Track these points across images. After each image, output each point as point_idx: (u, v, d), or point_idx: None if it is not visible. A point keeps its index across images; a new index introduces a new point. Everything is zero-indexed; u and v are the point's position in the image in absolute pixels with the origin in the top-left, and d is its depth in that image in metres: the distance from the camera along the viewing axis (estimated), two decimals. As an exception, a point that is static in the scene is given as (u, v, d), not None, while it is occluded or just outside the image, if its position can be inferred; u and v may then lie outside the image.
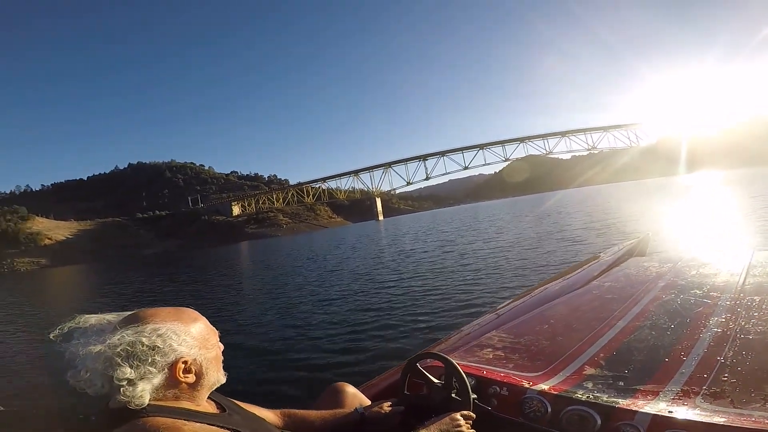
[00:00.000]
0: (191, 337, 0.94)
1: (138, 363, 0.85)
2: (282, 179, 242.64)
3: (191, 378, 0.94)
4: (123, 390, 0.83)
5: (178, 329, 0.93)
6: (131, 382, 0.84)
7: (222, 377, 1.03)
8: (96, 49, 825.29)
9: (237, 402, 1.16)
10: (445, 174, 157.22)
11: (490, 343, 1.97)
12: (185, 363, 0.92)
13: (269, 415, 1.32)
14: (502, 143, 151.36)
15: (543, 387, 1.43)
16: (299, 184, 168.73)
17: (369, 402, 1.57)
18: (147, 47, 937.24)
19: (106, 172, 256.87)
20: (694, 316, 1.91)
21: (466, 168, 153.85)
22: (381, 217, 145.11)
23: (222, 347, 1.05)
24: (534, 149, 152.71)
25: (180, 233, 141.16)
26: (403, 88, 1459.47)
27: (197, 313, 1.02)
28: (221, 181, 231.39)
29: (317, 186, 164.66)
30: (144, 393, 0.85)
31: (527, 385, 1.46)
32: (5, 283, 43.40)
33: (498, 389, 1.49)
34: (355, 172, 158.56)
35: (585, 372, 1.53)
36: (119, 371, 0.83)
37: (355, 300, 8.15)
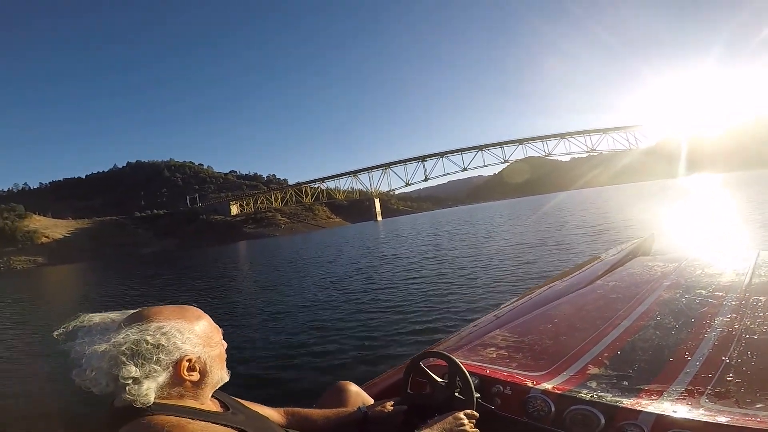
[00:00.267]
0: (195, 335, 0.94)
1: (143, 361, 0.85)
2: (281, 179, 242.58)
3: (195, 376, 0.94)
4: (129, 389, 0.83)
5: (182, 327, 0.92)
6: (136, 380, 0.84)
7: (225, 375, 1.03)
8: (96, 49, 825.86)
9: (240, 401, 1.16)
10: (444, 175, 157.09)
11: (493, 342, 1.96)
12: (189, 361, 0.92)
13: (273, 414, 1.32)
14: (501, 144, 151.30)
15: (547, 386, 1.42)
16: (298, 184, 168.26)
17: (372, 401, 1.57)
18: (146, 47, 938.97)
19: (104, 170, 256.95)
20: (699, 315, 1.90)
21: (464, 169, 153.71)
22: (379, 218, 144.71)
23: (225, 345, 1.05)
24: (533, 151, 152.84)
25: (178, 232, 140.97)
26: (403, 88, 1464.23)
27: (201, 311, 1.02)
28: (220, 181, 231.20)
29: (316, 186, 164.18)
30: (149, 391, 0.84)
31: (531, 385, 1.45)
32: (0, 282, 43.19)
33: (501, 388, 1.49)
34: (354, 172, 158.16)
35: (589, 371, 1.53)
36: (124, 370, 0.83)
37: (358, 299, 8.09)
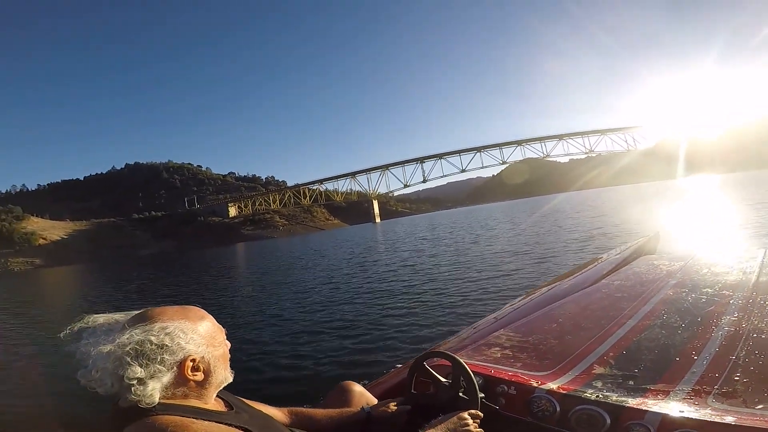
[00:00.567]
0: (199, 335, 0.95)
1: (147, 362, 0.86)
2: (280, 181, 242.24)
3: (199, 376, 0.94)
4: (134, 389, 0.83)
5: (185, 327, 0.93)
6: (141, 381, 0.85)
7: (229, 375, 1.03)
8: (94, 50, 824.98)
9: (245, 400, 1.17)
10: (443, 177, 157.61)
11: (498, 342, 1.95)
12: (193, 361, 0.93)
13: (277, 413, 1.32)
14: (499, 146, 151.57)
15: (552, 386, 1.42)
16: (296, 185, 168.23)
17: (376, 401, 1.57)
18: (145, 48, 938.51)
19: (103, 172, 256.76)
20: (705, 314, 1.88)
21: (463, 171, 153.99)
22: (378, 220, 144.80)
23: (229, 345, 1.06)
24: (531, 152, 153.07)
25: (176, 234, 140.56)
26: (402, 89, 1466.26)
27: (204, 311, 1.02)
28: (218, 182, 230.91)
29: (314, 188, 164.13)
30: (154, 392, 0.85)
31: (536, 384, 1.44)
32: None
33: (506, 388, 1.48)
34: (353, 174, 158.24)
35: (594, 371, 1.51)
36: (129, 370, 0.84)
37: (361, 300, 8.07)
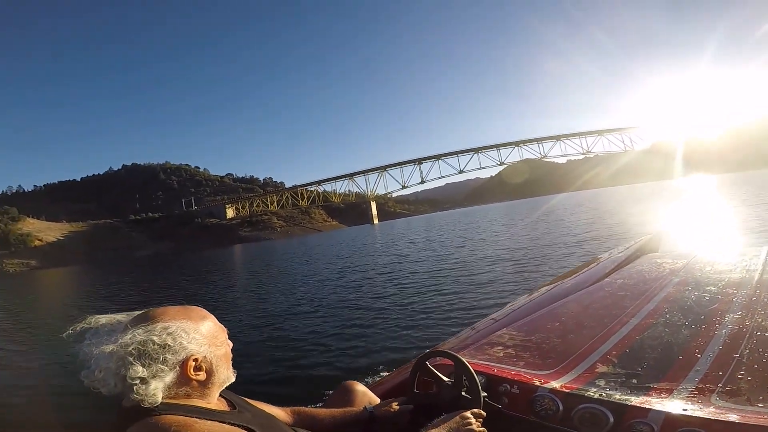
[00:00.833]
0: (201, 335, 0.95)
1: (150, 361, 0.86)
2: (278, 182, 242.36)
3: (202, 375, 0.95)
4: (137, 389, 0.84)
5: (187, 327, 0.93)
6: (144, 380, 0.85)
7: (232, 375, 1.04)
8: (92, 50, 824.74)
9: (248, 400, 1.18)
10: (441, 177, 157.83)
11: (500, 341, 1.95)
12: (196, 361, 0.93)
13: (279, 413, 1.33)
14: (497, 147, 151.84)
15: (554, 385, 1.42)
16: (294, 187, 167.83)
17: (379, 400, 1.57)
18: (143, 48, 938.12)
19: (100, 173, 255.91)
20: (708, 312, 1.88)
21: (461, 172, 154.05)
22: (376, 221, 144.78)
23: (231, 345, 1.06)
24: (529, 153, 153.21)
25: (173, 236, 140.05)
26: (401, 90, 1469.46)
27: (205, 311, 1.03)
28: (216, 184, 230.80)
29: (312, 189, 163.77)
30: (157, 391, 0.86)
31: (538, 383, 1.45)
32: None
33: (509, 387, 1.48)
34: (350, 175, 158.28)
35: (597, 370, 1.52)
36: (132, 370, 0.84)
37: (362, 300, 8.06)
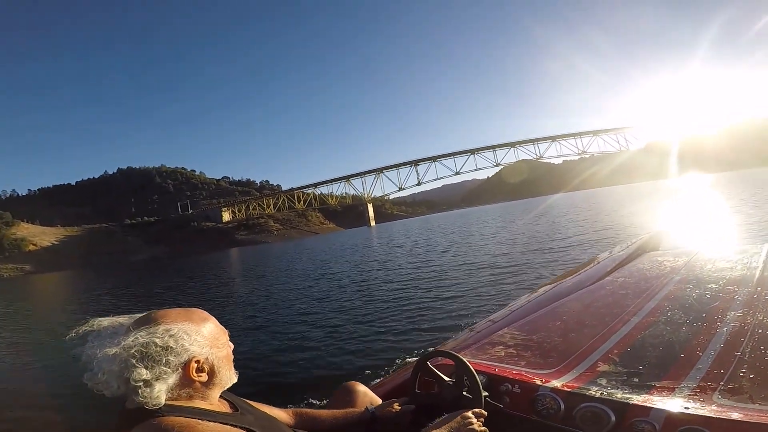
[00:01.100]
0: (202, 337, 0.96)
1: (152, 364, 0.87)
2: (274, 185, 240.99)
3: (204, 377, 0.96)
4: (140, 391, 0.84)
5: (189, 329, 0.94)
6: (147, 383, 0.85)
7: (234, 376, 1.05)
8: (88, 55, 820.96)
9: (249, 401, 1.17)
10: (437, 179, 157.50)
11: (501, 341, 1.95)
12: (198, 362, 0.94)
13: (281, 415, 1.32)
14: (493, 148, 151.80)
15: (556, 384, 1.42)
16: (291, 189, 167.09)
17: (380, 401, 1.58)
18: (140, 52, 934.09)
19: (95, 177, 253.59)
20: (710, 310, 1.87)
21: (457, 173, 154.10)
22: (373, 223, 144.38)
23: (232, 346, 1.06)
24: (525, 154, 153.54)
25: (169, 240, 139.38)
26: (398, 92, 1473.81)
27: (206, 313, 1.04)
28: (212, 187, 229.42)
29: (308, 192, 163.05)
30: (160, 393, 0.86)
31: (540, 383, 1.45)
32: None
33: (510, 387, 1.48)
34: (347, 177, 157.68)
35: (599, 368, 1.52)
36: (135, 372, 0.85)
37: (363, 301, 8.07)
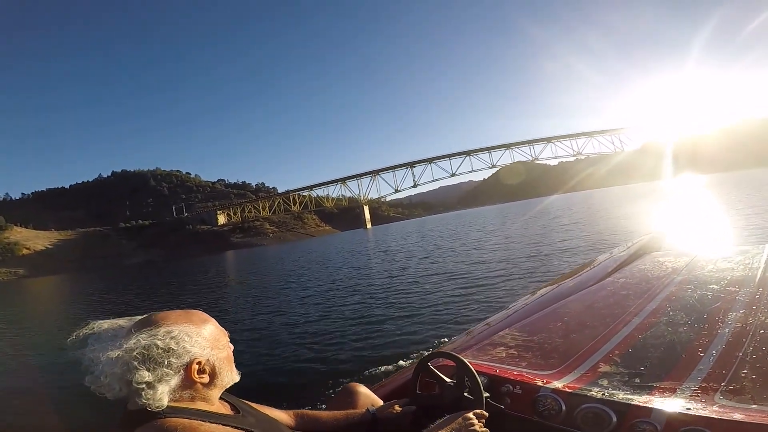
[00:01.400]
0: (203, 338, 0.96)
1: (154, 366, 0.87)
2: (270, 187, 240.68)
3: (206, 378, 0.96)
4: (144, 393, 0.85)
5: (190, 331, 0.94)
6: (150, 384, 0.86)
7: (236, 376, 1.06)
8: (81, 57, 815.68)
9: (249, 403, 1.18)
10: (434, 181, 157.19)
11: (502, 342, 1.95)
12: (199, 364, 0.94)
13: (282, 416, 1.33)
14: (488, 149, 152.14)
15: (557, 385, 1.42)
16: (286, 192, 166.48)
17: (381, 402, 1.58)
18: (136, 54, 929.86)
19: (89, 180, 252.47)
20: (711, 311, 1.87)
21: (453, 175, 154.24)
22: (369, 225, 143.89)
23: (232, 347, 1.07)
24: (520, 155, 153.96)
25: (163, 243, 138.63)
26: (395, 93, 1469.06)
27: (206, 315, 1.04)
28: (207, 190, 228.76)
29: (304, 194, 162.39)
30: (163, 395, 0.87)
31: (541, 384, 1.45)
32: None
33: (511, 388, 1.48)
34: (343, 179, 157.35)
35: (600, 369, 1.51)
36: (137, 375, 0.85)
37: (363, 302, 8.06)
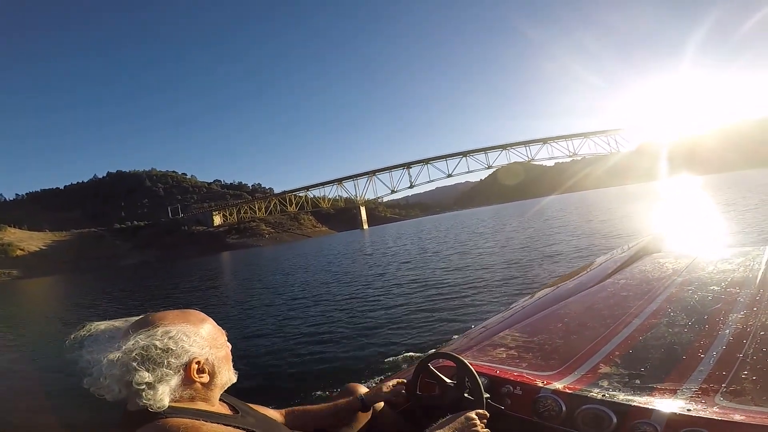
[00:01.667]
0: (201, 338, 0.97)
1: (154, 366, 0.87)
2: (266, 188, 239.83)
3: (205, 378, 0.96)
4: (144, 394, 0.85)
5: (188, 330, 0.94)
6: (150, 385, 0.86)
7: (233, 376, 1.06)
8: (78, 58, 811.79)
9: (247, 403, 1.19)
10: (430, 182, 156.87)
11: (503, 343, 1.95)
12: (198, 363, 0.94)
13: (275, 415, 1.33)
14: (484, 150, 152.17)
15: (557, 386, 1.42)
16: (283, 192, 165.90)
17: (382, 403, 1.59)
18: (133, 54, 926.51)
19: (84, 181, 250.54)
20: (712, 312, 1.86)
21: (449, 176, 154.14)
22: (366, 226, 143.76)
23: (230, 347, 1.07)
24: (516, 156, 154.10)
25: (159, 244, 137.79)
26: (392, 94, 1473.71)
27: (204, 314, 1.04)
28: (203, 191, 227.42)
29: (301, 195, 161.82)
30: (164, 395, 0.87)
31: (541, 384, 1.45)
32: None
33: (511, 388, 1.48)
34: (339, 180, 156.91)
35: (600, 370, 1.51)
36: (137, 376, 0.85)
37: (363, 303, 8.06)
